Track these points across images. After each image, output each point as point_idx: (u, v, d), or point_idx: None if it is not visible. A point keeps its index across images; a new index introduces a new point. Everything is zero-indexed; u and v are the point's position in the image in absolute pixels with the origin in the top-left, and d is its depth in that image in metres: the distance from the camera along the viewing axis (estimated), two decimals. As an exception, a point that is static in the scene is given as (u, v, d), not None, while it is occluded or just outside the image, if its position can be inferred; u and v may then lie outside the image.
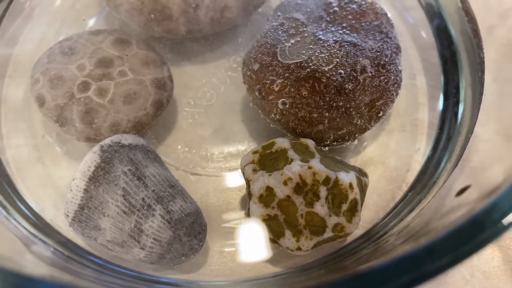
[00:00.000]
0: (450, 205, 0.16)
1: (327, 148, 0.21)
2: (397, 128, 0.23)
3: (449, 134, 0.21)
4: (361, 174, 0.19)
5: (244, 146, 0.22)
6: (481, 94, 0.21)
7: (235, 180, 0.22)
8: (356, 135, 0.21)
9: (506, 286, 0.22)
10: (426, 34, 0.24)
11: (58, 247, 0.18)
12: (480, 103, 0.21)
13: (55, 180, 0.21)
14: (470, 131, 0.21)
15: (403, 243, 0.17)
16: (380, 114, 0.21)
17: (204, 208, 0.20)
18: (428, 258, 0.10)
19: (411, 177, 0.21)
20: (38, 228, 0.19)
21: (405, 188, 0.21)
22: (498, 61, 0.27)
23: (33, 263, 0.17)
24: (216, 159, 0.22)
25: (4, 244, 0.18)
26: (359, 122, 0.21)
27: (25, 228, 0.19)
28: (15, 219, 0.19)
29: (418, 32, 0.25)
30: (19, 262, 0.17)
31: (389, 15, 0.23)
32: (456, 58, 0.24)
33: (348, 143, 0.21)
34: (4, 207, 0.19)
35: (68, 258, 0.18)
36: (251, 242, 0.20)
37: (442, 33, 0.24)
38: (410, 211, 0.19)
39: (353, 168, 0.20)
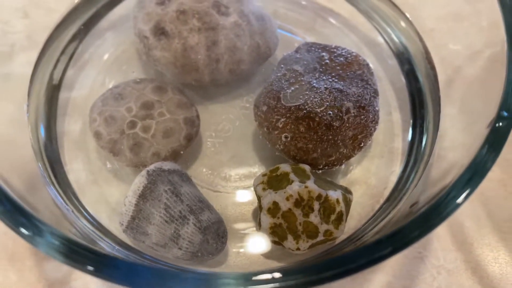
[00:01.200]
0: (405, 214, 0.22)
1: (320, 171, 0.27)
2: (377, 154, 0.28)
3: (415, 158, 0.27)
4: (346, 192, 0.25)
5: (255, 169, 0.28)
6: (437, 126, 0.27)
7: (247, 196, 0.27)
8: (343, 161, 0.27)
9: (466, 281, 0.27)
10: (400, 77, 0.30)
11: (116, 245, 0.24)
12: (437, 134, 0.26)
13: (107, 197, 0.27)
14: (430, 155, 0.26)
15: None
16: (361, 145, 0.27)
17: (224, 218, 0.26)
18: (378, 248, 0.16)
19: (386, 193, 0.27)
20: (100, 231, 0.25)
21: (381, 202, 0.27)
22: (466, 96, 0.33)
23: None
24: (232, 179, 0.28)
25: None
26: (345, 151, 0.26)
27: (91, 230, 0.25)
28: (84, 224, 0.25)
29: (394, 76, 0.30)
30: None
31: (370, 64, 0.29)
32: (422, 97, 0.29)
33: (337, 167, 0.27)
34: (76, 215, 0.25)
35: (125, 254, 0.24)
36: (261, 245, 0.25)
37: (411, 77, 0.30)
38: (383, 219, 0.25)
39: (340, 187, 0.25)
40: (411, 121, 0.29)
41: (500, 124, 0.20)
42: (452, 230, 0.29)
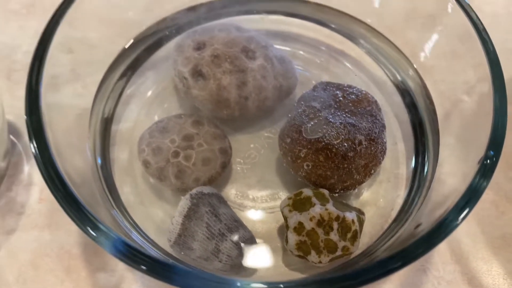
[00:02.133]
0: (411, 233, 0.26)
1: (336, 195, 0.31)
2: (385, 179, 0.33)
3: (419, 184, 0.31)
4: (359, 213, 0.29)
5: (279, 191, 0.32)
6: (437, 155, 0.31)
7: (273, 215, 0.31)
8: (356, 186, 0.31)
9: (463, 290, 0.31)
10: (403, 111, 0.35)
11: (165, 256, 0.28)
12: (437, 162, 0.31)
13: (153, 216, 0.31)
14: (431, 180, 0.30)
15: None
16: (371, 172, 0.31)
17: (253, 234, 0.30)
18: (390, 262, 0.20)
19: (394, 214, 0.31)
20: (150, 243, 0.29)
21: (390, 221, 0.31)
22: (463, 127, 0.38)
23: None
24: (259, 200, 0.32)
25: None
26: (358, 177, 0.30)
27: (143, 242, 0.29)
28: (136, 236, 0.29)
29: (398, 110, 0.35)
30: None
31: (378, 101, 0.34)
32: (423, 129, 0.34)
33: (351, 191, 0.31)
34: (130, 231, 0.29)
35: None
36: (285, 258, 0.29)
37: (413, 111, 0.34)
38: (392, 237, 0.29)
39: (354, 209, 0.29)
40: (414, 150, 0.33)
41: (488, 161, 0.24)
42: (451, 245, 0.33)
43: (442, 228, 0.22)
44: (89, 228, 0.23)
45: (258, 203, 0.32)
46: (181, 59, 0.33)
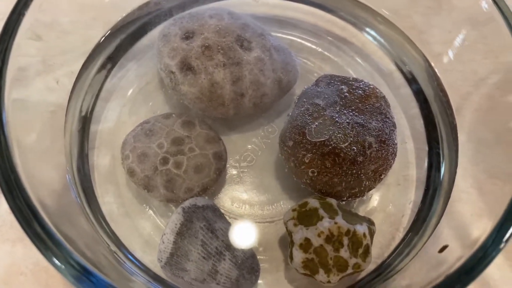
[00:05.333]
0: (434, 259, 0.23)
1: (343, 202, 0.28)
2: (393, 182, 0.30)
3: (435, 187, 0.29)
4: (370, 223, 0.27)
5: (279, 198, 0.29)
6: (456, 153, 0.28)
7: (273, 225, 0.29)
8: (365, 192, 0.28)
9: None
10: (413, 107, 0.32)
11: (151, 280, 0.25)
12: (456, 161, 0.28)
13: (139, 230, 0.28)
14: (451, 184, 0.28)
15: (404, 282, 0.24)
16: (382, 177, 0.28)
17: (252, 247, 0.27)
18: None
19: (405, 221, 0.29)
20: (135, 265, 0.26)
21: (401, 230, 0.28)
22: (472, 124, 0.35)
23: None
24: (257, 208, 0.29)
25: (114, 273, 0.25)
26: (367, 183, 0.28)
27: (126, 263, 0.26)
28: (119, 256, 0.26)
29: (406, 104, 0.32)
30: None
31: (385, 94, 0.30)
32: (435, 124, 0.31)
33: (360, 198, 0.28)
34: (109, 247, 0.26)
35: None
36: (290, 274, 0.27)
37: (423, 104, 0.31)
38: (409, 253, 0.26)
39: (364, 218, 0.27)
40: (427, 149, 0.30)
41: None
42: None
43: (483, 256, 0.19)
44: (54, 259, 0.20)
45: (255, 211, 0.29)
46: (167, 50, 0.30)
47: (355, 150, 0.27)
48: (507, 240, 0.20)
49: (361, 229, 0.25)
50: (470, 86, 0.37)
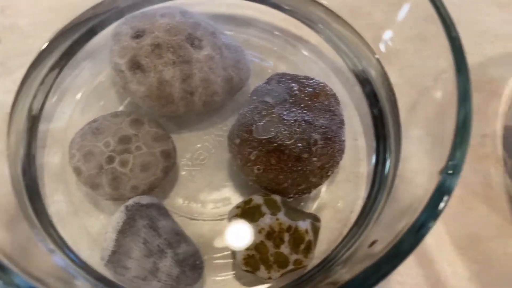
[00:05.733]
0: (365, 253, 0.24)
1: (291, 199, 0.28)
2: (344, 179, 0.30)
3: (380, 183, 0.29)
4: (315, 220, 0.27)
5: (232, 196, 0.29)
6: (399, 150, 0.29)
7: (224, 224, 0.29)
8: (312, 189, 0.28)
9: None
10: (364, 103, 0.32)
11: (96, 281, 0.25)
12: (399, 158, 0.28)
13: (88, 228, 0.28)
14: (393, 179, 0.28)
15: (343, 271, 0.24)
16: (328, 173, 0.28)
17: (201, 245, 0.27)
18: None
19: (354, 217, 0.29)
20: (78, 265, 0.26)
21: (349, 226, 0.29)
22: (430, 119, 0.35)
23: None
24: (209, 207, 0.29)
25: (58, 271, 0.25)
26: (313, 180, 0.28)
27: (69, 265, 0.26)
28: (62, 258, 0.26)
29: (359, 102, 0.32)
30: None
31: (338, 92, 0.31)
32: (384, 121, 0.31)
33: (307, 195, 0.28)
34: (53, 250, 0.26)
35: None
36: (235, 272, 0.27)
37: (373, 102, 0.31)
38: (352, 244, 0.27)
39: (309, 215, 0.27)
40: (375, 146, 0.30)
41: (455, 156, 0.21)
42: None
43: (415, 236, 0.20)
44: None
45: (207, 210, 0.29)
46: (118, 49, 0.30)
47: (300, 147, 0.27)
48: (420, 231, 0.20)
49: (304, 225, 0.25)
50: (429, 82, 0.37)
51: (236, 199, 0.29)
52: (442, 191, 0.21)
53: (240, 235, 0.25)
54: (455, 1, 0.41)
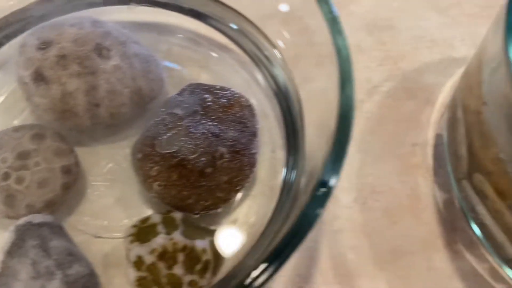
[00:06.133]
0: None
1: (198, 215, 0.27)
2: (259, 193, 0.29)
3: (286, 195, 0.28)
4: (218, 237, 0.26)
5: (140, 213, 0.28)
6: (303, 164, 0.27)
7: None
8: (220, 204, 0.27)
9: None
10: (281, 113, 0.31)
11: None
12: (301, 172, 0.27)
13: (-15, 248, 0.27)
14: (297, 187, 0.27)
15: None
16: (237, 188, 0.27)
17: (105, 264, 0.26)
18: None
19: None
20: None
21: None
22: (364, 133, 0.34)
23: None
24: (116, 224, 0.28)
25: None
26: (221, 195, 0.27)
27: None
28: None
29: (278, 113, 0.31)
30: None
31: (260, 103, 0.30)
32: (295, 130, 0.30)
33: (214, 211, 0.27)
34: None
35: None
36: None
37: (287, 114, 0.30)
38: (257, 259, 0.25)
39: (212, 233, 0.26)
40: (286, 156, 0.29)
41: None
42: (335, 262, 0.30)
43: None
44: None
45: (115, 228, 0.28)
46: (23, 60, 0.29)
47: (204, 161, 0.26)
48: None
49: (201, 244, 0.24)
50: (363, 93, 0.36)
51: (145, 216, 0.28)
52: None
53: (131, 256, 0.24)
54: (394, 6, 0.40)
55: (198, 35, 0.34)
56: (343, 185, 0.32)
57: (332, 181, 0.20)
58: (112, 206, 0.28)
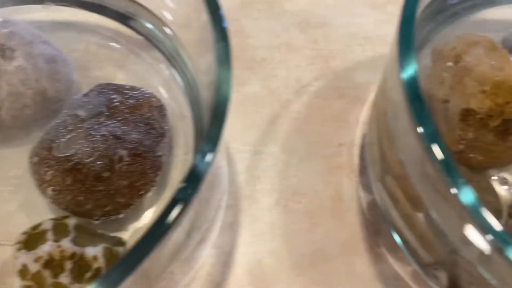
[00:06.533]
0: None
1: (98, 221, 0.26)
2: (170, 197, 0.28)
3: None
4: (115, 245, 0.25)
5: (41, 218, 0.27)
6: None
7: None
8: (122, 210, 0.26)
9: None
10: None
11: None
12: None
13: None
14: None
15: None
16: (141, 192, 0.26)
17: (3, 274, 0.25)
18: None
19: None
20: None
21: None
22: (290, 133, 0.33)
23: None
24: (17, 230, 0.27)
25: None
26: (121, 200, 0.26)
27: None
28: None
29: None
30: None
31: (177, 105, 0.29)
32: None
33: (116, 216, 0.26)
34: None
35: None
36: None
37: (197, 116, 0.29)
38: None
39: (110, 239, 0.25)
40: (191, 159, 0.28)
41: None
42: (251, 267, 0.29)
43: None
44: None
45: (15, 234, 0.27)
46: None
47: (101, 165, 0.25)
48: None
49: (92, 251, 0.23)
50: (291, 93, 0.35)
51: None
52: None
53: (17, 265, 0.23)
54: (330, 3, 0.40)
55: (118, 34, 0.33)
56: (265, 187, 0.31)
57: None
58: (15, 212, 0.27)
